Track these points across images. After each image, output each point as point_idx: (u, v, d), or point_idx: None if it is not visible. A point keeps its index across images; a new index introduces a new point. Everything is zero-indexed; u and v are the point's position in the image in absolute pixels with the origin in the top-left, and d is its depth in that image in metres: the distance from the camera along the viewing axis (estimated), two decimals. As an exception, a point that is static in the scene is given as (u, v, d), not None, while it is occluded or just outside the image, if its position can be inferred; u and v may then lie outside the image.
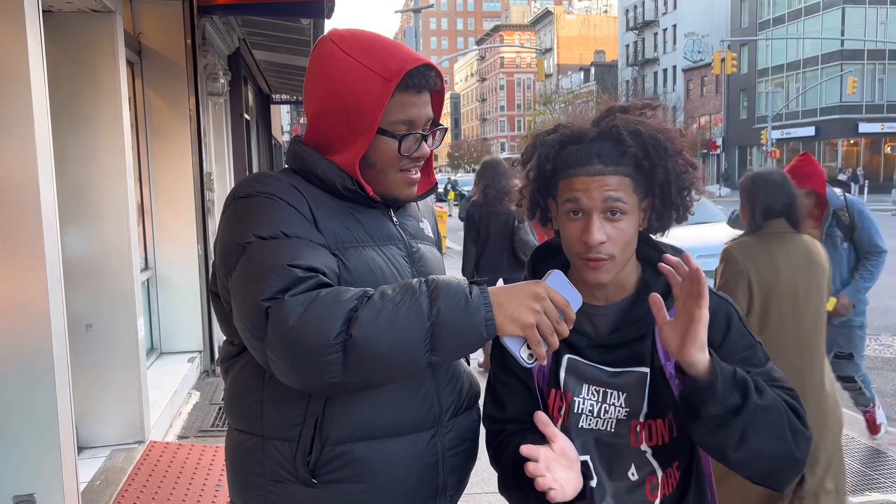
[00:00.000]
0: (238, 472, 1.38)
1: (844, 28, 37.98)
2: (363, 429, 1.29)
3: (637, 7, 58.22)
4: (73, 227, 3.73)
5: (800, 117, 41.29)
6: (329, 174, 1.33)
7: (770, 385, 1.28)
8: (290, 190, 1.30)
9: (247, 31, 8.03)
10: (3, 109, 2.56)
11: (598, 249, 1.28)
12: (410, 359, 1.14)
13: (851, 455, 4.14)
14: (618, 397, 1.34)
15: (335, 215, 1.31)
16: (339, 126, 1.32)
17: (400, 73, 1.28)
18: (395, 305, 1.13)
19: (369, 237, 1.34)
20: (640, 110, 1.35)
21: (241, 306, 1.19)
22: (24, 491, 2.66)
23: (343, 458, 1.28)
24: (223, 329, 1.41)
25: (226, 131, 7.71)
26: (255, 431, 1.32)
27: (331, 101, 1.31)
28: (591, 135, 1.31)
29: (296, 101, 16.88)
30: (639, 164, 1.29)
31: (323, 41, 1.35)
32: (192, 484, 3.60)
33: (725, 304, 1.37)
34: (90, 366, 3.75)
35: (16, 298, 2.62)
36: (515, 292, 1.19)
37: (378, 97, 1.28)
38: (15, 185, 2.59)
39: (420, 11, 25.46)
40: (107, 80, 3.81)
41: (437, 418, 1.36)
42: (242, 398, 1.35)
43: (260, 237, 1.21)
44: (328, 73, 1.31)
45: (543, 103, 48.66)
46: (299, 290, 1.14)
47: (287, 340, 1.11)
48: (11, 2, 2.53)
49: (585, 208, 1.28)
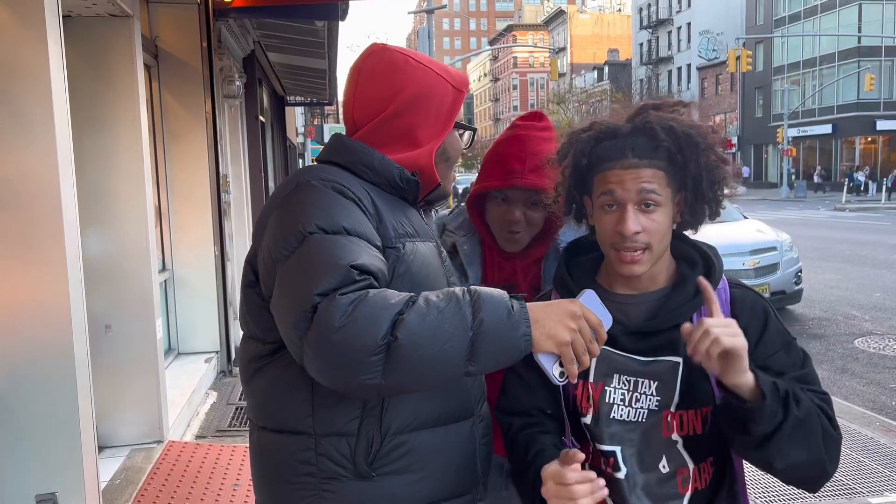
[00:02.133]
0: (277, 477, 1.34)
1: (861, 24, 37.56)
2: (418, 418, 1.31)
3: (651, 5, 57.88)
4: (92, 229, 3.77)
5: (816, 115, 40.87)
6: (385, 165, 1.38)
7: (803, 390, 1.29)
8: (354, 182, 1.32)
9: (261, 33, 8.07)
10: (25, 112, 2.60)
11: (633, 239, 1.31)
12: (451, 366, 1.14)
13: (871, 456, 4.10)
14: (649, 386, 1.35)
15: (391, 208, 1.35)
16: (418, 125, 1.41)
17: (466, 85, 1.48)
18: (440, 312, 1.13)
19: (416, 232, 1.38)
20: (672, 108, 1.38)
21: (288, 296, 1.18)
22: (46, 490, 2.70)
23: (402, 449, 1.30)
24: (255, 325, 1.36)
25: (241, 133, 7.76)
26: (304, 430, 1.30)
27: (415, 102, 1.40)
28: (625, 130, 1.35)
29: (310, 103, 16.95)
30: (672, 159, 1.32)
31: (387, 50, 1.45)
32: (211, 483, 3.63)
33: (762, 302, 1.39)
34: (109, 366, 3.79)
35: (38, 300, 2.65)
36: (553, 309, 1.21)
37: (453, 103, 1.45)
38: (36, 188, 2.62)
39: (433, 12, 25.48)
40: (125, 84, 3.85)
41: (472, 407, 1.40)
42: (285, 398, 1.32)
43: (322, 229, 1.21)
44: (412, 78, 1.41)
45: (557, 103, 48.48)
46: (350, 289, 1.14)
47: (331, 338, 1.10)
48: (32, 7, 2.57)
49: (620, 200, 1.32)
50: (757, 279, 7.52)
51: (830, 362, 6.43)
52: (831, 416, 1.29)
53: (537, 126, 1.85)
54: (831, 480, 3.86)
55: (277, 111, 13.16)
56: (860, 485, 3.74)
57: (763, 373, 1.24)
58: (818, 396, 1.31)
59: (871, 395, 5.56)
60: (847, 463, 4.00)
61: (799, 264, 8.04)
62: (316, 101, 15.89)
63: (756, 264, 7.57)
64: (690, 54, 51.23)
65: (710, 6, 48.67)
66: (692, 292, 1.35)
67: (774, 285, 7.60)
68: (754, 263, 7.56)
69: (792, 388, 1.25)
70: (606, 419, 1.37)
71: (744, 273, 7.46)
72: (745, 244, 7.68)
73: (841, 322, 7.88)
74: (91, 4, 3.58)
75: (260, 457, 1.39)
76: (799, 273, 7.97)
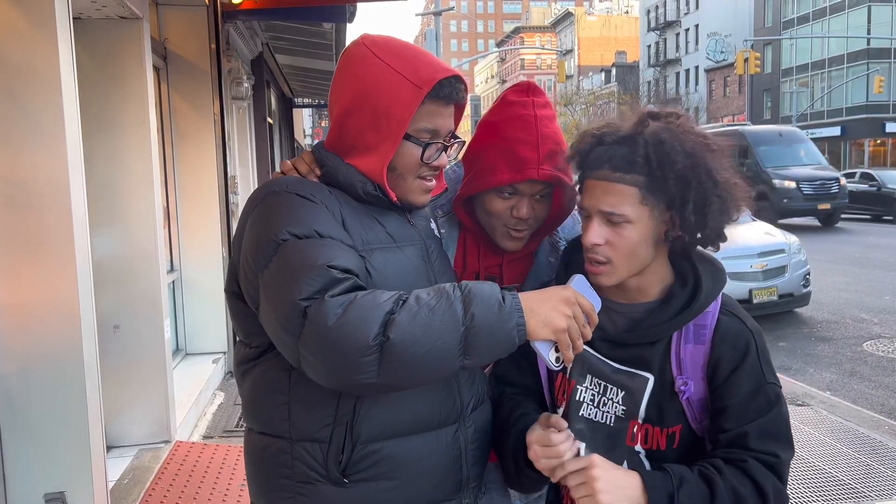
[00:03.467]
0: (262, 476, 1.37)
1: (871, 26, 37.36)
2: (392, 426, 1.30)
3: (659, 7, 57.77)
4: (101, 230, 3.79)
5: (825, 117, 40.68)
6: (349, 178, 1.34)
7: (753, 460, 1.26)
8: (321, 189, 1.31)
9: (270, 35, 8.10)
10: (35, 114, 2.62)
11: (593, 251, 1.31)
12: (445, 362, 1.16)
13: (879, 459, 4.08)
14: (616, 394, 1.36)
15: (360, 217, 1.33)
16: (365, 128, 1.32)
17: (431, 82, 1.29)
18: (430, 309, 1.15)
19: (391, 239, 1.35)
20: (668, 117, 1.33)
21: (275, 304, 1.19)
22: (55, 489, 2.71)
23: (374, 457, 1.29)
24: (240, 330, 1.40)
25: (249, 135, 7.79)
26: (281, 434, 1.32)
27: (360, 102, 1.31)
28: (611, 139, 1.32)
29: (318, 105, 16.99)
30: (653, 174, 1.27)
31: (355, 44, 1.36)
32: (218, 483, 3.64)
33: (748, 336, 1.32)
34: (118, 366, 3.80)
35: (47, 300, 2.67)
36: (547, 297, 1.23)
37: (408, 103, 1.29)
38: (47, 188, 2.64)
39: (441, 14, 25.51)
40: (134, 85, 3.87)
41: (459, 413, 1.39)
42: (266, 401, 1.34)
43: (295, 235, 1.21)
44: (360, 74, 1.32)
45: (564, 104, 48.43)
46: (337, 291, 1.15)
47: (326, 341, 1.12)
48: (43, 9, 2.59)
49: (587, 208, 1.32)
50: (765, 281, 7.50)
51: (839, 365, 6.40)
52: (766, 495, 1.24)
53: (538, 102, 1.57)
54: (840, 484, 3.86)
55: (285, 113, 13.20)
56: (868, 488, 3.72)
57: (664, 481, 1.23)
58: (767, 465, 1.26)
59: (879, 398, 5.53)
60: (855, 466, 3.98)
61: (807, 267, 8.00)
62: (323, 102, 15.92)
63: (764, 266, 7.54)
64: (698, 56, 51.07)
65: (719, 8, 48.53)
66: (675, 311, 1.33)
67: (783, 288, 7.58)
68: (762, 266, 7.54)
69: (702, 495, 1.22)
70: (575, 415, 1.40)
71: (752, 275, 7.44)
72: (754, 246, 7.65)
73: (850, 325, 7.83)
74: (101, 7, 3.60)
75: (249, 456, 1.42)
76: (807, 276, 7.93)
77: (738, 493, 1.24)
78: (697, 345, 1.32)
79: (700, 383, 1.32)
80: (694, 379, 1.32)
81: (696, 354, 1.32)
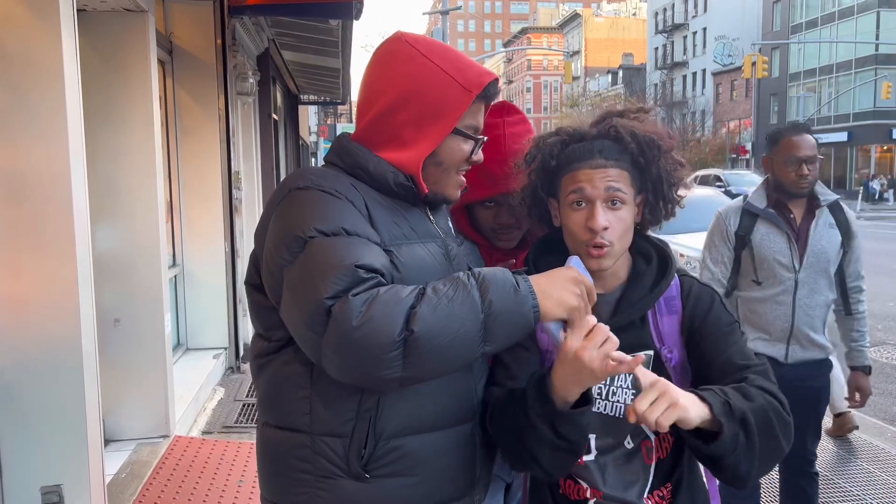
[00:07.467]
0: (278, 471, 1.36)
1: (879, 32, 37.24)
2: (415, 422, 1.31)
3: (667, 10, 57.69)
4: (103, 223, 3.78)
5: (832, 122, 40.55)
6: (381, 170, 1.35)
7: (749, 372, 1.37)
8: (346, 185, 1.31)
9: (276, 31, 8.09)
10: (37, 106, 2.61)
11: (601, 235, 1.38)
12: (467, 350, 1.19)
13: (882, 467, 4.05)
14: (625, 379, 1.43)
15: (385, 211, 1.33)
16: (408, 124, 1.35)
17: (480, 86, 1.36)
18: (450, 299, 1.17)
19: (415, 233, 1.36)
20: (634, 114, 1.49)
21: (300, 301, 1.19)
22: (51, 482, 2.70)
23: (396, 452, 1.30)
24: (259, 323, 1.38)
25: (254, 131, 7.78)
26: (300, 428, 1.31)
27: (406, 100, 1.34)
28: (592, 134, 1.46)
29: (323, 102, 17.01)
30: (635, 161, 1.43)
31: (397, 41, 1.38)
32: (216, 479, 3.63)
33: (710, 290, 1.51)
34: (117, 360, 3.80)
35: (47, 293, 2.66)
36: (556, 278, 1.28)
37: (458, 104, 1.34)
38: (48, 181, 2.63)
39: (448, 13, 25.49)
40: (138, 79, 3.86)
41: (475, 410, 1.40)
42: (285, 395, 1.33)
43: (322, 232, 1.21)
44: (408, 73, 1.34)
45: (570, 106, 48.43)
46: (361, 289, 1.16)
47: (350, 339, 1.13)
48: (47, 1, 2.58)
49: (589, 197, 1.40)
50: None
51: (842, 372, 6.37)
52: (777, 395, 1.35)
53: (509, 122, 1.79)
54: (843, 492, 3.84)
55: (291, 109, 13.20)
56: (871, 496, 3.70)
57: (714, 395, 1.28)
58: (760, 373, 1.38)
59: (883, 405, 5.50)
60: (858, 474, 3.96)
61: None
62: (329, 100, 15.94)
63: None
64: (706, 59, 50.99)
65: (727, 11, 48.43)
66: (648, 286, 1.45)
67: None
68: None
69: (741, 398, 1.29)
70: None
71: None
72: None
73: (853, 331, 7.80)
74: (106, -1, 3.60)
75: (263, 451, 1.41)
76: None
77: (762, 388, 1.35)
78: (671, 315, 1.47)
79: (680, 349, 1.46)
80: (676, 347, 1.46)
81: (672, 323, 1.46)
